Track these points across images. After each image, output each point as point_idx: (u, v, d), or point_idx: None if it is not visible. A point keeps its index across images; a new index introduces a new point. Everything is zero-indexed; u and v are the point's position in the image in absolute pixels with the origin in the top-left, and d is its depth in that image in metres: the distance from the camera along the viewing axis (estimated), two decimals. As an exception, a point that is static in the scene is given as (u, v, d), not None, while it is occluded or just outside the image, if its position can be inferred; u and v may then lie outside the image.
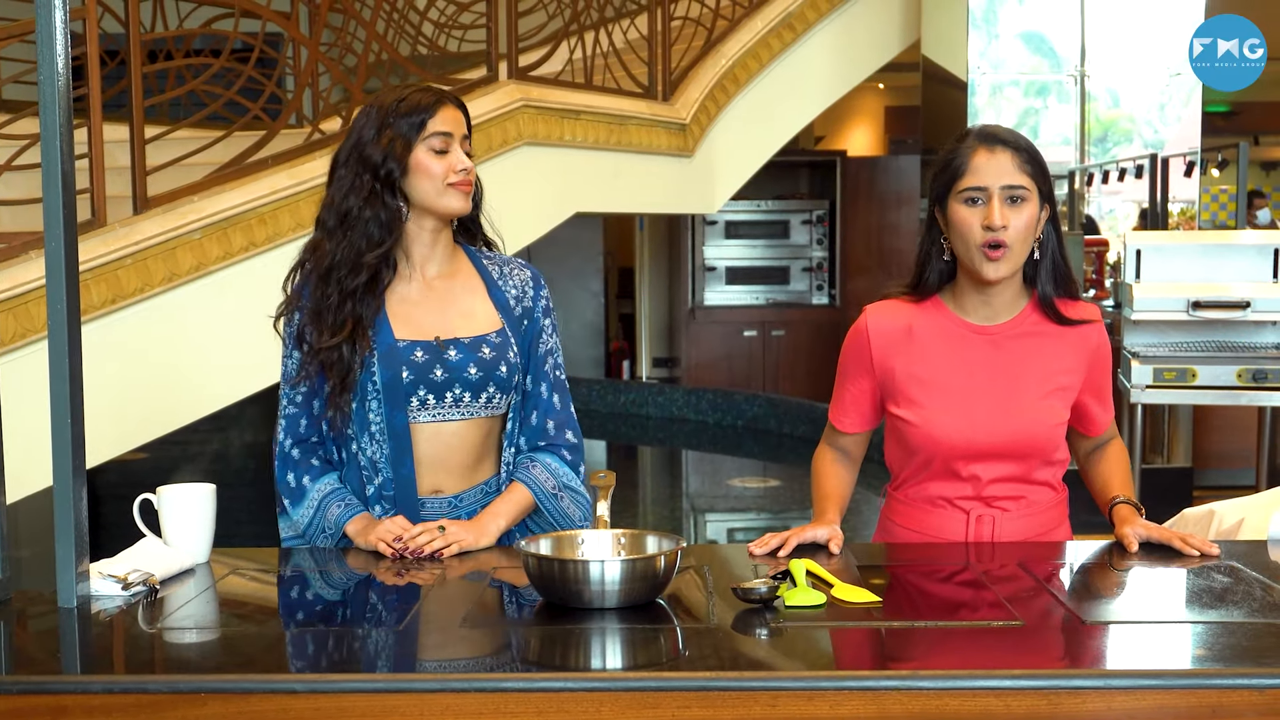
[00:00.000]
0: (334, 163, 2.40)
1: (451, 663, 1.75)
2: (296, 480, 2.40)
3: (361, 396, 2.34)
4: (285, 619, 2.03)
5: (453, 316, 2.40)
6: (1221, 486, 6.49)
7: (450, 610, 1.99)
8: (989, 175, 2.26)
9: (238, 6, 5.05)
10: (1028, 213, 2.27)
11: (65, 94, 1.87)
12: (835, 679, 1.60)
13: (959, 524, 2.38)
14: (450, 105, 2.38)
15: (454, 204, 2.36)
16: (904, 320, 2.40)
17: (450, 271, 2.44)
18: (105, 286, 4.17)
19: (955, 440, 2.34)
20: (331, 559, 2.31)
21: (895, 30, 8.34)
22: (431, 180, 2.34)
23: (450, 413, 2.37)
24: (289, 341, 2.40)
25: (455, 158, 2.35)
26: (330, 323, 2.32)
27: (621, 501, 7.12)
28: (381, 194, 2.33)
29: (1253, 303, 5.02)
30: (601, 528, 2.07)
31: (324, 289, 2.33)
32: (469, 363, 2.36)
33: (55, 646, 1.83)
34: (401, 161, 2.33)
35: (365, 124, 2.37)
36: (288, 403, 2.42)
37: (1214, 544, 2.20)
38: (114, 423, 4.24)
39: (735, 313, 10.31)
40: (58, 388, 1.88)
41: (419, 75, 5.81)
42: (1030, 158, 2.30)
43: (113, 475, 6.64)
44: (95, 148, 4.15)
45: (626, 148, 6.63)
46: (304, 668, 1.74)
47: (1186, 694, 1.56)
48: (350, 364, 2.31)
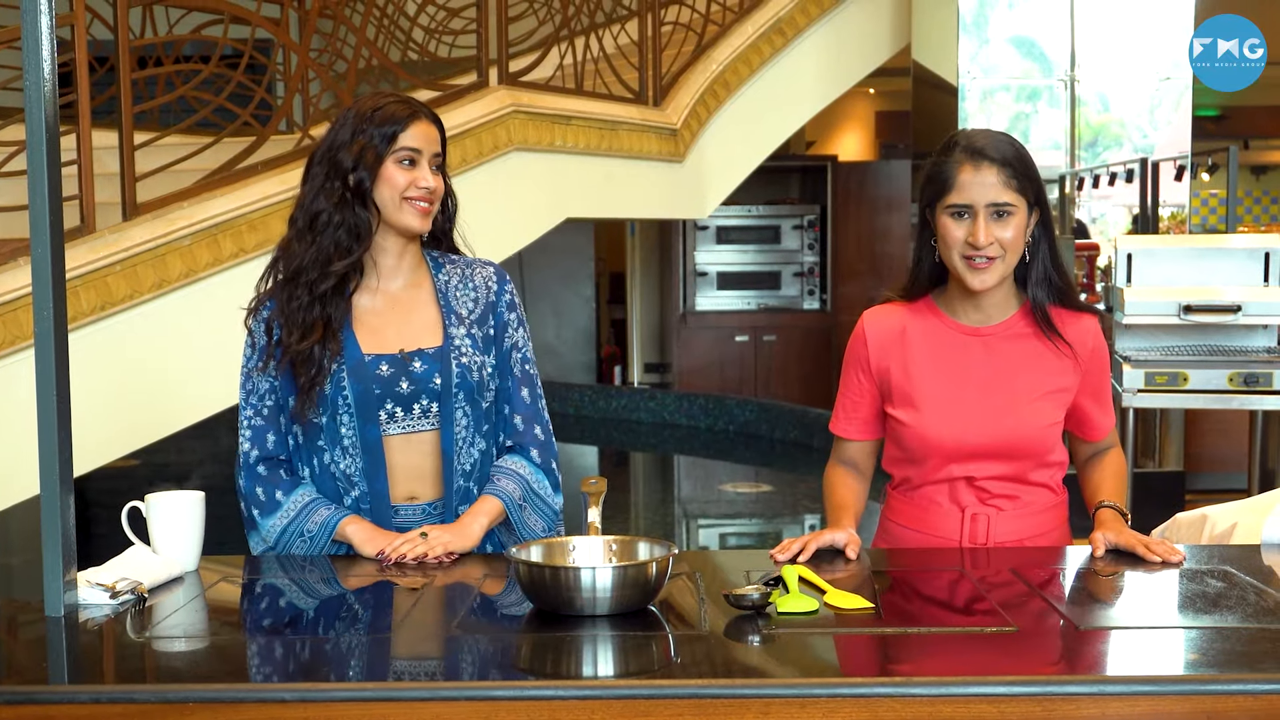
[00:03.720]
0: (309, 161, 2.40)
1: (442, 671, 1.74)
2: (268, 494, 2.37)
3: (332, 411, 2.33)
4: (275, 627, 2.02)
5: (417, 328, 2.39)
6: (1213, 490, 6.50)
7: (441, 617, 1.98)
8: (974, 192, 2.27)
9: (227, 12, 5.03)
10: (1014, 226, 2.28)
11: (52, 100, 1.86)
12: (828, 686, 1.59)
13: (954, 522, 2.38)
14: (424, 120, 2.37)
15: (410, 221, 2.35)
16: (899, 323, 2.42)
17: (415, 282, 2.43)
18: (94, 293, 4.15)
19: (947, 441, 2.34)
20: (321, 567, 2.29)
21: (885, 35, 8.35)
22: (393, 193, 2.33)
23: (420, 423, 2.36)
24: (260, 345, 2.38)
25: (419, 174, 2.34)
26: (301, 323, 2.31)
27: (613, 507, 7.11)
28: (352, 202, 2.32)
29: (1244, 306, 5.02)
30: (593, 534, 2.06)
31: (292, 289, 2.33)
32: (434, 372, 2.35)
33: (43, 656, 1.82)
34: (372, 171, 2.32)
35: (341, 126, 2.36)
36: (254, 414, 2.40)
37: (1179, 550, 2.19)
38: (104, 429, 4.22)
39: (726, 318, 10.30)
40: (45, 396, 1.87)
41: (409, 81, 5.80)
42: (1016, 170, 2.28)
43: (103, 482, 6.62)
44: (84, 154, 4.13)
45: (617, 153, 6.62)
46: (294, 676, 1.72)
47: (1181, 700, 1.56)
48: (320, 362, 2.30)
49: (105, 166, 4.47)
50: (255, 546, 2.43)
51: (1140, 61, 7.42)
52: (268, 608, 2.13)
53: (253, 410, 2.40)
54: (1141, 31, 7.40)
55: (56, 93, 1.88)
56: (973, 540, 2.37)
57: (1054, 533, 2.42)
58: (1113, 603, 2.06)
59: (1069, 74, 7.46)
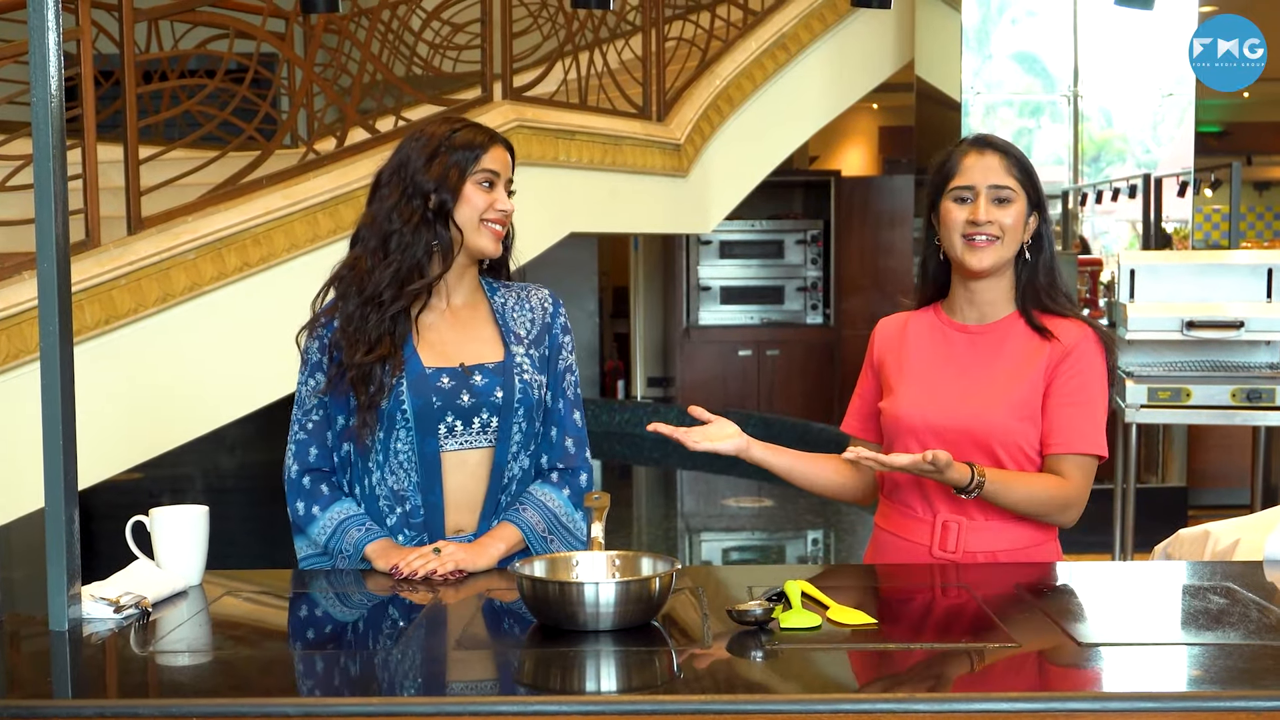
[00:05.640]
0: (376, 182, 2.41)
1: (445, 685, 1.75)
2: (306, 509, 2.39)
3: (389, 426, 2.34)
4: (278, 642, 2.02)
5: (477, 344, 2.41)
6: (1216, 506, 6.50)
7: (444, 632, 1.98)
8: (977, 175, 2.38)
9: (232, 27, 5.05)
10: (1014, 211, 2.38)
11: (58, 115, 1.87)
12: (831, 702, 1.59)
13: (926, 528, 2.40)
14: (501, 146, 2.41)
15: (484, 243, 2.38)
16: (902, 324, 2.54)
17: (474, 303, 2.46)
18: (99, 307, 4.16)
19: (915, 420, 2.39)
20: (324, 581, 2.30)
21: (889, 51, 8.36)
22: (472, 214, 2.35)
23: (478, 439, 2.37)
24: (311, 361, 2.39)
25: (498, 196, 2.38)
26: (366, 340, 2.31)
27: (615, 521, 7.10)
28: (434, 223, 2.34)
29: (1247, 322, 5.01)
30: (596, 549, 2.07)
31: (362, 309, 2.33)
32: (495, 386, 2.37)
33: (46, 671, 1.82)
34: (455, 192, 2.34)
35: (414, 149, 2.37)
36: (299, 429, 2.42)
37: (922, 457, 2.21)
38: (109, 443, 4.23)
39: (730, 332, 10.30)
40: (49, 409, 1.87)
41: (414, 96, 5.81)
42: (1018, 163, 2.41)
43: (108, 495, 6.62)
44: (89, 168, 4.14)
45: (621, 168, 6.63)
46: (298, 691, 1.73)
47: (1183, 717, 1.56)
48: (382, 381, 2.31)
49: (110, 181, 4.49)
50: (301, 549, 2.45)
51: (1143, 77, 7.42)
52: (272, 623, 2.14)
53: (298, 425, 2.42)
54: (1144, 47, 7.41)
55: (63, 108, 1.89)
56: (943, 548, 2.37)
57: (1038, 549, 2.40)
58: (1115, 618, 2.06)
59: (1072, 89, 7.47)
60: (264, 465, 6.27)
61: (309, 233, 4.84)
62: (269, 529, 2.48)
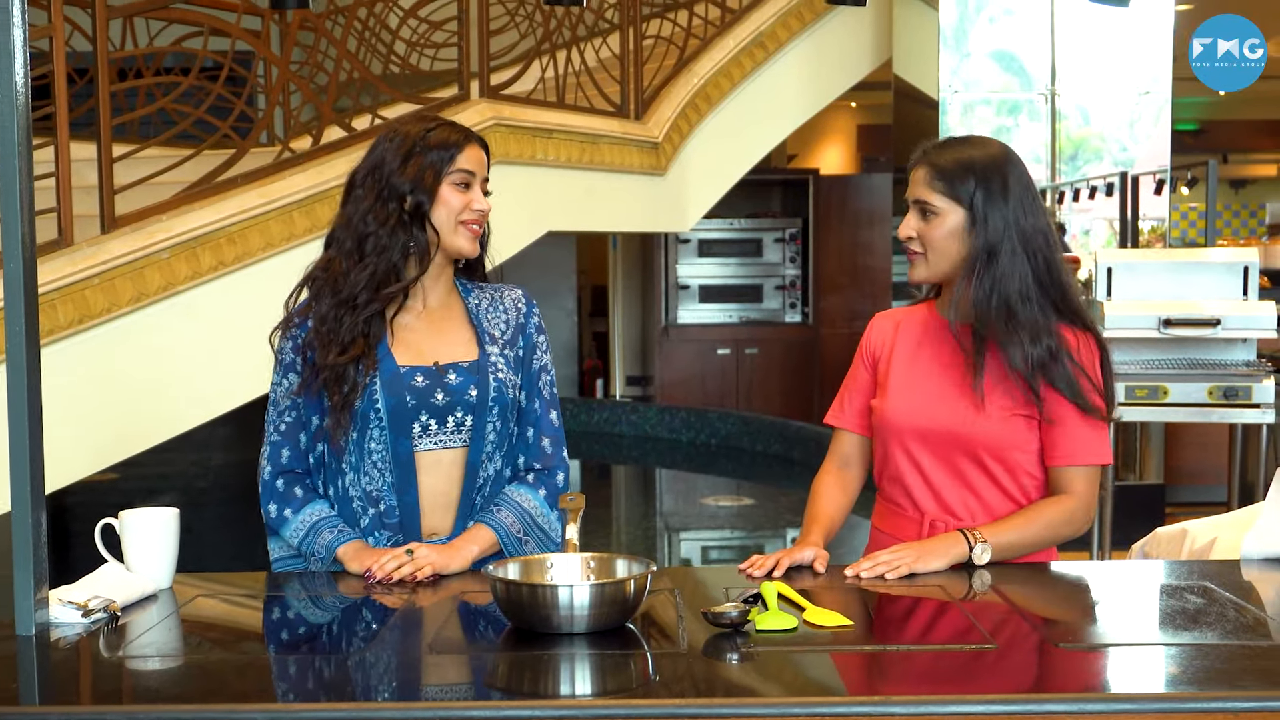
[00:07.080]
0: (350, 182, 2.39)
1: (419, 690, 1.73)
2: (279, 511, 2.38)
3: (363, 426, 2.32)
4: (249, 646, 2.00)
5: (451, 343, 2.40)
6: (1193, 503, 6.52)
7: (418, 635, 1.96)
8: (910, 186, 2.39)
9: (207, 25, 5.02)
10: (939, 224, 2.34)
11: (24, 112, 1.85)
12: (807, 704, 1.58)
13: (915, 529, 2.40)
14: (476, 145, 2.39)
15: (462, 244, 2.37)
16: (897, 319, 2.54)
17: (448, 304, 2.44)
18: (72, 306, 4.13)
19: (901, 419, 2.40)
20: (298, 583, 2.28)
21: (867, 49, 8.37)
22: (449, 215, 2.33)
23: (452, 438, 2.36)
24: (284, 361, 2.38)
25: (474, 196, 2.36)
26: (340, 341, 2.29)
27: (594, 521, 7.10)
28: (410, 225, 2.32)
29: (1223, 320, 5.03)
30: (571, 550, 2.05)
31: (337, 311, 2.31)
32: (469, 384, 2.35)
33: (13, 676, 1.79)
34: (431, 193, 2.32)
35: (389, 149, 2.35)
36: (273, 430, 2.40)
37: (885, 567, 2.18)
38: (82, 444, 4.20)
39: (708, 331, 10.31)
40: (16, 411, 1.84)
41: (391, 94, 5.79)
42: (943, 172, 2.32)
43: (82, 496, 6.58)
44: (62, 166, 4.11)
45: (599, 166, 6.62)
46: (267, 696, 1.71)
47: (1161, 718, 1.55)
48: (355, 380, 2.29)
49: (84, 179, 4.45)
50: (275, 551, 2.44)
51: (1120, 76, 7.45)
52: (244, 626, 2.11)
53: (271, 426, 2.41)
54: (1121, 46, 7.44)
55: (29, 105, 1.87)
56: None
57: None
58: (1092, 620, 2.05)
59: (1049, 88, 7.49)
60: (239, 466, 6.23)
61: (285, 231, 4.81)
62: (245, 530, 2.46)
